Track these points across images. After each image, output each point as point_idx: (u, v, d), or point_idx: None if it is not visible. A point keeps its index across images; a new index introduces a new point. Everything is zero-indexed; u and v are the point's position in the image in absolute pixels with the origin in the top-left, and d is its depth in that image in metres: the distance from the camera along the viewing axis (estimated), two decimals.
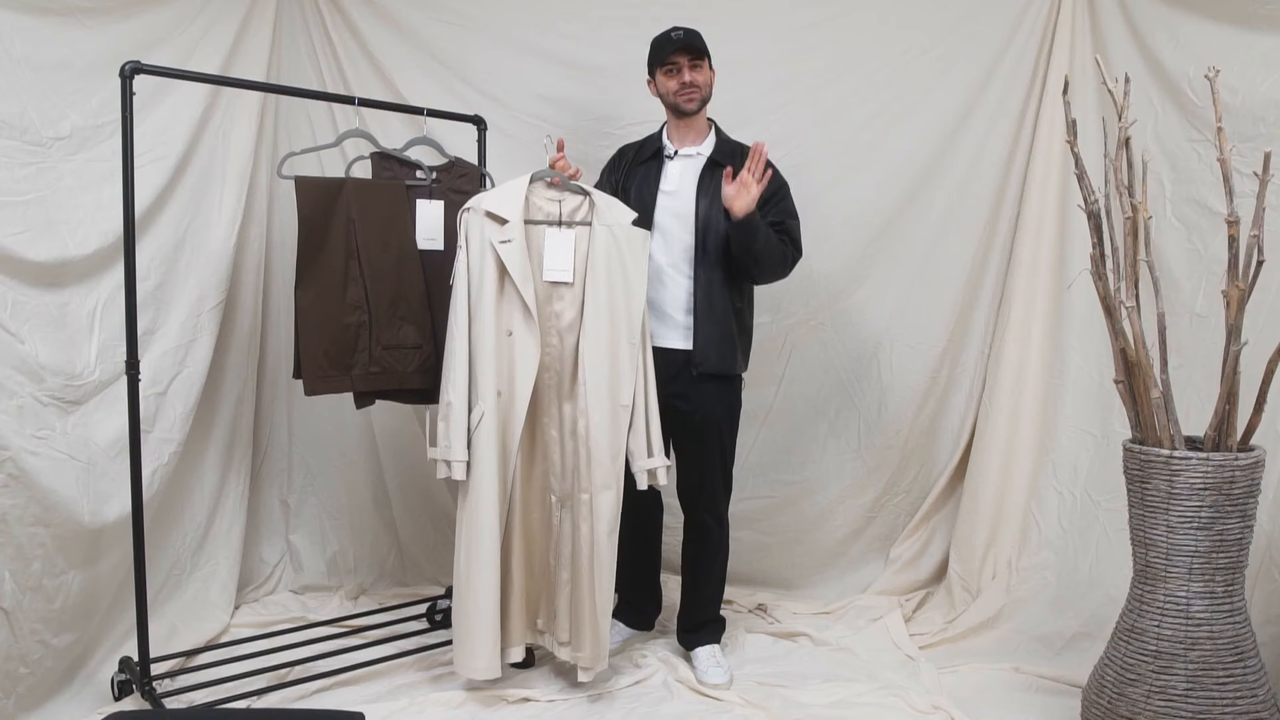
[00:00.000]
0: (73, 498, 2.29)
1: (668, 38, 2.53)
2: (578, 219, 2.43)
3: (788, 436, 3.28)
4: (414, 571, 3.33)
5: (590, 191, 2.45)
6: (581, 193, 2.45)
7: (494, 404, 2.33)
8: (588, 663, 2.41)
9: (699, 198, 2.54)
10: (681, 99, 2.54)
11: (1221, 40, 2.59)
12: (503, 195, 2.38)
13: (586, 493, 2.37)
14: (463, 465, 2.32)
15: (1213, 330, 2.54)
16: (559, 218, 2.41)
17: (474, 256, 2.35)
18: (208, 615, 2.80)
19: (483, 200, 2.38)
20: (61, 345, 2.32)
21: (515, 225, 2.35)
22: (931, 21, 3.10)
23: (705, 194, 2.54)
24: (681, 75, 2.53)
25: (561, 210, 2.42)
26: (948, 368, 3.22)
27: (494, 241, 2.33)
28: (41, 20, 2.35)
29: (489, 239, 2.34)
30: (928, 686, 2.51)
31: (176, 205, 2.74)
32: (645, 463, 2.44)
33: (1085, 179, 2.15)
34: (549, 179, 2.43)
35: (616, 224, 2.42)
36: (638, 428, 2.42)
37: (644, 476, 2.45)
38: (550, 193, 2.43)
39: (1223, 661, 1.92)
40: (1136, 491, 2.04)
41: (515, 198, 2.38)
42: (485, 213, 2.35)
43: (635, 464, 2.43)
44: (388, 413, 3.20)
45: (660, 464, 2.46)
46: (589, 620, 2.39)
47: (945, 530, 3.25)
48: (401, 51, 3.20)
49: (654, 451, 2.45)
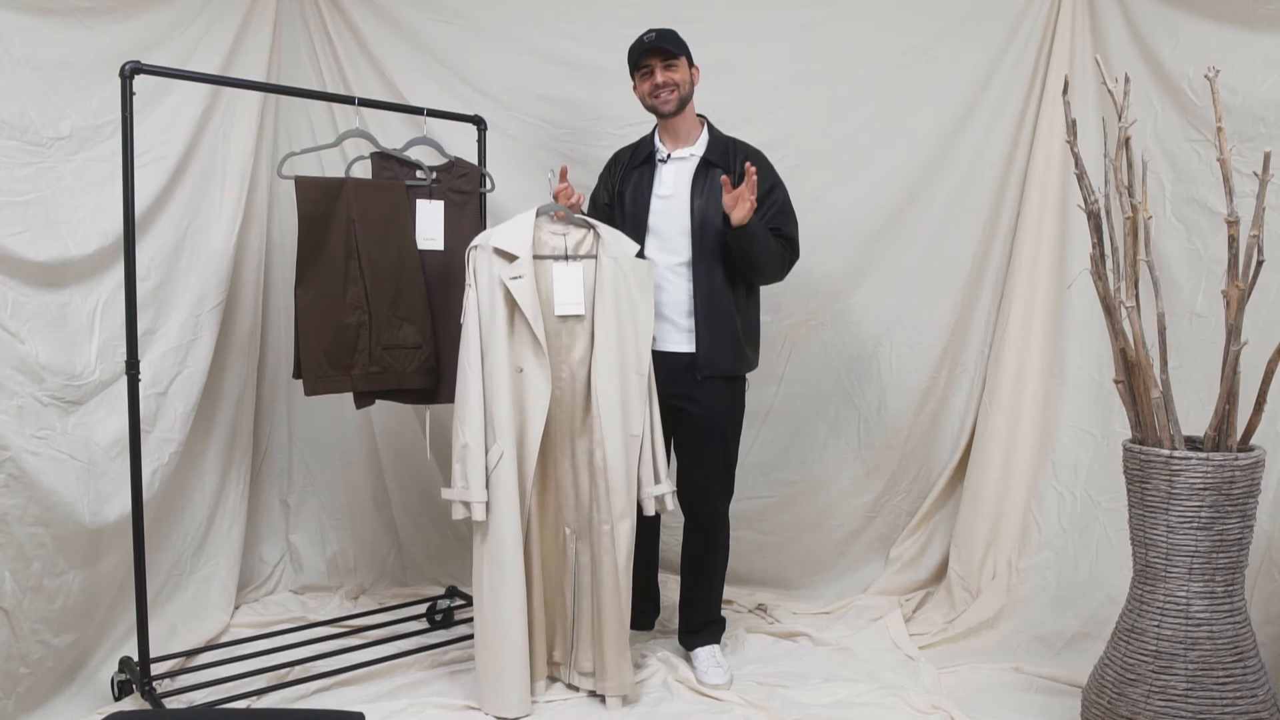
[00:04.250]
0: (73, 498, 2.29)
1: (639, 41, 2.54)
2: (582, 252, 2.44)
3: (788, 436, 3.28)
4: (414, 571, 3.33)
5: (595, 224, 2.47)
6: (586, 226, 2.46)
7: (512, 443, 2.32)
8: (616, 691, 2.40)
9: (694, 200, 2.53)
10: (657, 101, 2.54)
11: (1221, 40, 2.59)
12: (511, 232, 2.38)
13: (607, 524, 2.37)
14: (483, 506, 2.31)
15: (1213, 330, 2.54)
16: (565, 252, 2.42)
17: (483, 294, 2.34)
18: (208, 615, 2.80)
19: (491, 237, 2.37)
20: (62, 345, 2.32)
21: (525, 261, 2.34)
22: (931, 22, 3.10)
23: (700, 195, 2.53)
24: (654, 77, 2.52)
25: (567, 244, 2.43)
26: (948, 368, 3.22)
27: (504, 278, 2.32)
28: (41, 20, 2.35)
29: (498, 275, 2.33)
30: (928, 686, 2.51)
31: (176, 205, 2.74)
32: (653, 489, 2.46)
33: (1085, 179, 2.15)
34: (554, 213, 2.44)
35: (622, 256, 2.44)
36: (645, 456, 2.44)
37: (651, 503, 2.46)
38: (555, 227, 2.44)
39: (1223, 661, 1.92)
40: (1136, 491, 2.04)
41: (523, 234, 2.37)
42: (494, 249, 2.35)
43: (643, 491, 2.45)
44: (388, 413, 3.20)
45: (668, 490, 2.49)
46: (614, 649, 2.39)
47: (945, 530, 3.25)
48: (401, 51, 3.20)
49: (660, 478, 2.48)
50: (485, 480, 2.31)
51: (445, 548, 3.34)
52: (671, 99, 2.53)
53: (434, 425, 2.86)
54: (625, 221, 2.59)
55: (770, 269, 2.53)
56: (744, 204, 2.35)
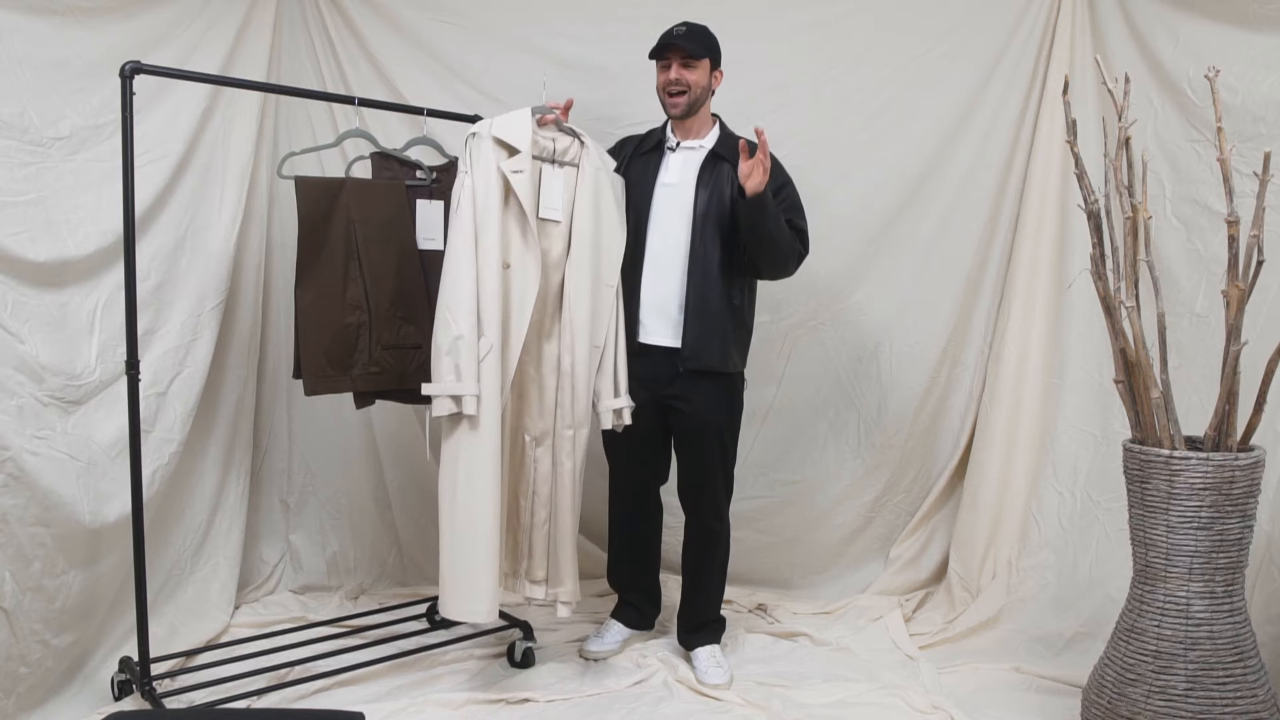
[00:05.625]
0: (73, 498, 2.29)
1: (669, 31, 2.51)
2: (568, 159, 2.44)
3: (788, 436, 3.28)
4: (414, 571, 3.32)
5: (580, 133, 2.47)
6: (572, 134, 2.47)
7: (499, 337, 2.29)
8: (568, 597, 2.45)
9: (699, 190, 2.51)
10: (667, 100, 2.54)
11: (1221, 40, 2.59)
12: (512, 125, 2.34)
13: (570, 429, 2.40)
14: (474, 399, 2.23)
15: (1213, 330, 2.54)
16: (554, 156, 2.42)
17: (479, 182, 2.29)
18: (208, 615, 2.80)
19: (491, 127, 2.33)
20: (62, 345, 2.32)
21: (526, 157, 2.32)
22: (932, 22, 3.10)
23: (705, 186, 2.51)
24: (669, 72, 2.50)
25: (555, 148, 2.42)
26: (948, 368, 3.23)
27: (506, 170, 2.29)
28: (41, 20, 2.35)
29: (498, 166, 2.29)
30: (928, 686, 2.51)
31: (176, 205, 2.73)
32: (611, 402, 2.48)
33: (1085, 179, 2.15)
34: (543, 115, 2.43)
35: (604, 166, 2.47)
36: (605, 369, 2.46)
37: (609, 416, 2.48)
38: (545, 130, 2.43)
39: (1223, 661, 1.93)
40: (1136, 491, 2.04)
41: (524, 129, 2.35)
42: (494, 139, 2.31)
43: (601, 404, 2.47)
44: (388, 413, 3.20)
45: (625, 404, 2.51)
46: (568, 556, 2.43)
47: (945, 530, 3.25)
48: (401, 51, 3.20)
49: (620, 391, 2.50)
50: (477, 373, 2.26)
51: None
52: (680, 102, 2.51)
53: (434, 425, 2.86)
54: (628, 205, 2.57)
55: (780, 253, 2.47)
56: (759, 171, 2.33)
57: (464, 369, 2.24)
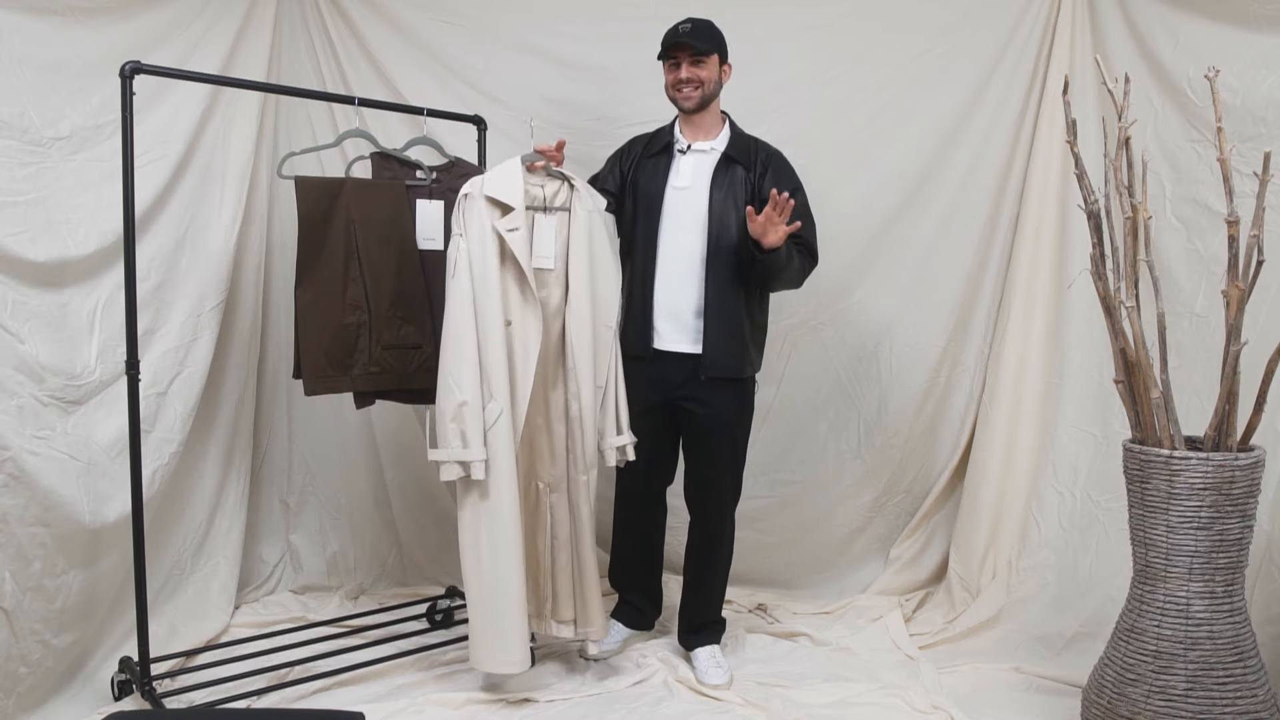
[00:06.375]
0: (73, 498, 2.29)
1: (674, 29, 2.49)
2: (558, 204, 2.44)
3: (788, 436, 3.28)
4: (414, 571, 3.32)
5: (570, 176, 2.46)
6: (561, 177, 2.46)
7: (507, 398, 2.29)
8: (598, 635, 2.50)
9: (713, 193, 2.50)
10: (679, 96, 2.52)
11: (1221, 40, 2.59)
12: (503, 181, 2.32)
13: (584, 474, 2.42)
14: (483, 465, 2.25)
15: (1213, 330, 2.54)
16: (544, 203, 2.41)
17: (474, 244, 2.29)
18: (208, 615, 2.80)
19: (483, 185, 2.31)
20: (62, 345, 2.32)
21: (519, 213, 2.31)
22: (932, 22, 3.10)
23: (720, 189, 2.50)
24: (679, 71, 2.49)
25: (545, 195, 2.41)
26: (948, 368, 3.23)
27: (500, 229, 2.28)
28: (41, 20, 2.35)
29: (492, 226, 2.29)
30: (928, 686, 2.51)
31: (176, 205, 2.73)
32: (615, 440, 2.49)
33: (1085, 179, 2.15)
34: (531, 164, 2.41)
35: (595, 208, 2.47)
36: (608, 407, 2.47)
37: (613, 454, 2.49)
38: (534, 177, 2.42)
39: (1223, 661, 1.93)
40: (1136, 491, 2.04)
41: (516, 183, 2.32)
42: (486, 198, 2.30)
43: (605, 441, 2.48)
44: (388, 413, 3.20)
45: (629, 440, 2.52)
46: (594, 595, 2.47)
47: (945, 530, 3.25)
48: (401, 51, 3.20)
49: (623, 429, 2.51)
50: (484, 438, 2.27)
51: (446, 547, 3.33)
52: (694, 96, 2.50)
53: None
54: (637, 210, 2.56)
55: (793, 283, 2.55)
56: (777, 229, 2.30)
57: (470, 435, 2.25)
